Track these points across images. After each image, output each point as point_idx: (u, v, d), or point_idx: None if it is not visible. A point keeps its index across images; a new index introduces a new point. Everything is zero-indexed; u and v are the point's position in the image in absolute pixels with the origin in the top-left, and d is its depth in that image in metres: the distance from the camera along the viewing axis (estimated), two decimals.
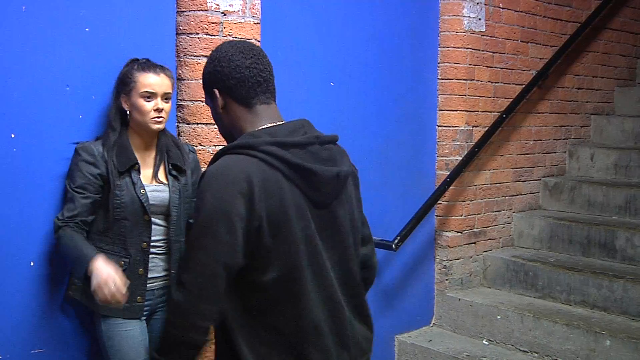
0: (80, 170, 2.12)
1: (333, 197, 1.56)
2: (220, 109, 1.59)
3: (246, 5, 2.63)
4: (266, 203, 1.44)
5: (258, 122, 1.56)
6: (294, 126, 1.56)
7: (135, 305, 2.17)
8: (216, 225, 1.42)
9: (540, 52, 4.14)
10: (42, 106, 2.22)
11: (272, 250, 1.46)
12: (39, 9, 2.20)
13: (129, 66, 2.21)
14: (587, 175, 4.44)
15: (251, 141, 1.49)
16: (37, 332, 2.24)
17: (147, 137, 2.23)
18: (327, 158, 1.55)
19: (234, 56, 1.56)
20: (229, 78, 1.55)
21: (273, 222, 1.45)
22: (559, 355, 3.28)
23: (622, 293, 3.37)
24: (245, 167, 1.45)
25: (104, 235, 2.16)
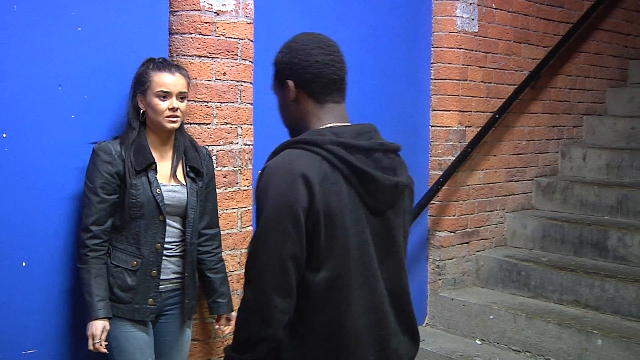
0: (98, 170, 2.12)
1: (388, 206, 1.54)
2: (291, 101, 1.56)
3: (239, 5, 2.62)
4: (324, 201, 1.42)
5: (326, 120, 1.53)
6: (360, 129, 1.53)
7: (146, 307, 2.18)
8: (282, 219, 1.40)
9: (532, 53, 4.16)
10: (34, 106, 2.21)
11: (326, 249, 1.44)
12: (31, 8, 2.18)
13: (145, 65, 2.22)
14: (579, 175, 4.46)
15: (316, 138, 1.46)
16: (29, 333, 2.23)
17: (164, 136, 2.23)
18: (388, 166, 1.53)
19: (313, 50, 1.52)
20: (306, 72, 1.52)
21: (329, 221, 1.43)
22: (551, 354, 3.29)
23: (614, 292, 3.38)
24: (308, 162, 1.43)
25: (119, 234, 2.17)
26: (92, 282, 2.11)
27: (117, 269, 2.16)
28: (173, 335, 2.31)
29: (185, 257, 2.25)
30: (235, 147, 2.66)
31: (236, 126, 2.67)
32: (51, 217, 2.25)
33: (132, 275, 2.16)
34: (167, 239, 2.20)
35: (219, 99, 2.60)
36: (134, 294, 2.16)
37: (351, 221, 1.46)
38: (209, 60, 2.55)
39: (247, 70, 2.68)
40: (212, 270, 2.40)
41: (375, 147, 1.51)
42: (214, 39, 2.56)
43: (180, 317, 2.30)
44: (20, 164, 2.19)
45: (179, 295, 2.28)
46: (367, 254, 1.49)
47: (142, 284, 2.16)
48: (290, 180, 1.40)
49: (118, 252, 2.17)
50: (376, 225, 1.52)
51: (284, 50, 1.58)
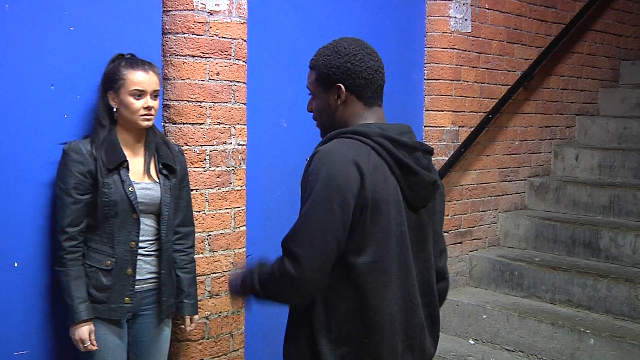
0: (70, 171, 2.09)
1: (424, 202, 1.62)
2: (338, 103, 1.62)
3: (232, 4, 2.62)
4: (372, 189, 1.49)
5: (371, 120, 1.62)
6: (402, 129, 1.62)
7: (122, 306, 2.15)
8: (331, 201, 1.46)
9: (525, 53, 4.17)
10: (26, 106, 2.20)
11: (370, 234, 1.50)
12: (23, 8, 2.17)
13: (116, 62, 2.19)
14: (572, 175, 4.48)
15: (365, 130, 1.55)
16: (21, 334, 2.22)
17: (136, 133, 2.21)
18: (425, 166, 1.61)
19: (365, 57, 1.61)
20: (359, 77, 1.60)
21: (376, 208, 1.49)
22: (544, 354, 3.30)
23: (606, 292, 3.40)
24: (358, 151, 1.51)
25: (93, 234, 2.14)
26: (72, 285, 2.08)
27: (91, 269, 2.12)
28: (150, 335, 2.28)
29: (161, 256, 2.22)
30: (229, 147, 2.66)
31: (229, 126, 2.66)
32: (43, 218, 2.23)
33: (107, 275, 2.12)
34: (142, 237, 2.17)
35: (212, 99, 2.60)
36: (110, 293, 2.12)
37: (394, 211, 1.53)
38: (202, 60, 2.55)
39: (240, 70, 2.68)
40: (183, 269, 2.34)
41: (416, 146, 1.60)
42: (207, 39, 2.55)
43: (157, 316, 2.26)
44: (13, 164, 2.18)
45: (154, 294, 2.24)
46: (404, 245, 1.56)
47: (117, 283, 2.13)
48: (343, 164, 1.48)
49: (92, 252, 2.13)
50: (412, 220, 1.59)
51: (330, 54, 1.63)
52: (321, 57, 1.65)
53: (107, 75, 2.18)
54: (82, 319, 2.08)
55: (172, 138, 2.56)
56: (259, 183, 2.93)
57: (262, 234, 2.95)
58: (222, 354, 2.69)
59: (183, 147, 2.53)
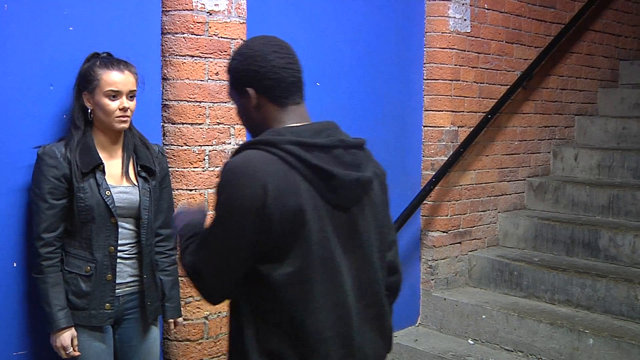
0: (44, 175, 2.04)
1: (353, 201, 1.54)
2: (252, 108, 1.57)
3: (232, 4, 2.62)
4: (281, 201, 1.43)
5: (287, 121, 1.55)
6: (319, 127, 1.54)
7: (103, 312, 2.10)
8: (232, 219, 1.43)
9: (524, 53, 4.18)
10: (25, 105, 2.20)
11: (284, 248, 1.46)
12: (22, 8, 2.17)
13: (91, 62, 2.12)
14: (571, 175, 4.48)
15: (273, 138, 1.48)
16: (20, 334, 2.22)
17: (112, 135, 2.14)
18: (350, 163, 1.53)
19: (269, 55, 1.53)
20: (265, 78, 1.53)
21: (287, 220, 1.44)
22: (543, 354, 3.30)
23: (605, 292, 3.40)
24: (264, 162, 1.45)
25: (71, 239, 2.09)
26: (50, 292, 2.04)
27: (70, 275, 2.08)
28: (138, 339, 2.23)
29: (142, 259, 2.17)
30: (228, 147, 2.66)
31: (229, 126, 2.66)
32: None
33: (86, 281, 2.08)
34: (121, 241, 2.12)
35: (211, 99, 2.60)
36: (90, 299, 2.08)
37: (311, 219, 1.46)
38: (201, 60, 2.55)
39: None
40: (164, 272, 2.29)
41: (335, 143, 1.52)
42: (207, 39, 2.55)
43: (142, 320, 2.22)
44: (12, 164, 2.18)
45: (137, 298, 2.20)
46: (329, 251, 1.50)
47: (97, 289, 2.08)
48: (244, 180, 1.43)
49: (71, 258, 2.09)
50: (341, 221, 1.52)
51: (238, 58, 1.57)
52: (231, 61, 1.60)
53: (82, 75, 2.12)
54: (61, 327, 2.04)
55: (171, 138, 2.56)
56: None
57: None
58: (221, 354, 2.69)
59: (182, 147, 2.53)
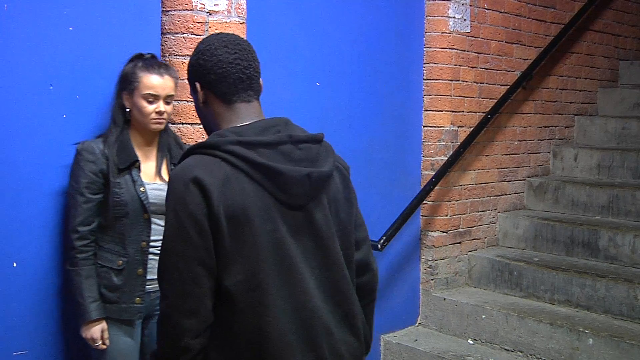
0: (82, 170, 2.11)
1: (307, 199, 1.47)
2: (201, 103, 1.54)
3: (232, 4, 2.62)
4: (225, 204, 1.38)
5: (235, 121, 1.50)
6: (267, 124, 1.49)
7: (132, 306, 2.15)
8: (184, 228, 1.38)
9: (524, 53, 4.18)
10: (25, 106, 2.20)
11: (232, 253, 1.40)
12: (22, 8, 2.17)
13: (133, 63, 2.18)
14: (571, 175, 4.48)
15: (214, 140, 1.44)
16: (20, 334, 2.22)
17: (148, 135, 2.22)
18: (300, 158, 1.47)
19: (217, 50, 1.50)
20: (210, 72, 1.50)
21: (233, 224, 1.39)
22: (543, 354, 3.30)
23: (605, 292, 3.40)
24: (205, 167, 1.40)
25: (104, 233, 2.15)
26: (84, 284, 2.10)
27: (103, 269, 2.14)
28: None
29: None
30: None
31: None
32: (42, 218, 2.24)
33: (118, 275, 2.14)
34: (153, 237, 2.17)
35: None
36: (121, 293, 2.14)
37: (261, 220, 1.41)
38: None
39: None
40: None
41: (283, 140, 1.46)
42: None
43: None
44: (11, 163, 2.18)
45: None
46: (284, 252, 1.43)
47: (128, 283, 2.14)
48: (186, 186, 1.38)
49: (103, 252, 2.15)
50: (296, 220, 1.46)
51: (193, 52, 1.56)
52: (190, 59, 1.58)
53: (123, 75, 2.18)
54: (92, 318, 2.09)
55: None
56: None
57: None
58: None
59: None
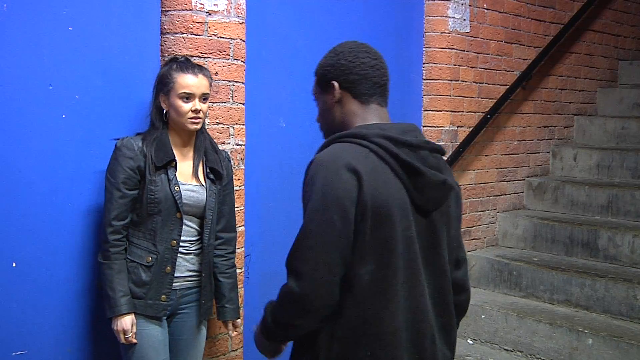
0: (120, 165, 2.13)
1: (435, 205, 1.52)
2: (334, 102, 1.58)
3: (231, 4, 2.62)
4: (372, 193, 1.41)
5: (370, 120, 1.55)
6: (405, 127, 1.55)
7: (158, 303, 2.18)
8: (330, 212, 1.39)
9: (524, 53, 4.18)
10: (24, 105, 2.20)
11: (371, 242, 1.42)
12: (21, 8, 2.17)
13: (168, 66, 2.22)
14: (570, 175, 4.48)
15: (363, 131, 1.48)
16: (19, 334, 2.21)
17: (185, 136, 2.24)
18: (434, 165, 1.52)
19: (360, 54, 1.57)
20: (352, 73, 1.55)
21: (376, 213, 1.41)
22: (542, 353, 3.31)
23: (604, 292, 3.41)
24: (356, 155, 1.43)
25: (136, 229, 2.18)
26: (115, 278, 2.12)
27: (132, 264, 2.16)
28: (190, 333, 2.31)
29: (202, 256, 2.25)
30: (227, 147, 2.66)
31: (228, 126, 2.66)
32: (41, 217, 2.23)
33: (146, 271, 2.16)
34: (183, 237, 2.20)
35: (210, 99, 2.59)
36: (148, 289, 2.16)
37: (399, 215, 1.44)
38: (200, 60, 2.55)
39: (239, 70, 2.68)
40: (224, 274, 2.37)
41: (422, 144, 1.51)
42: (206, 39, 2.55)
43: (197, 315, 2.30)
44: (10, 163, 2.17)
45: (195, 293, 2.27)
46: (412, 251, 1.46)
47: (155, 279, 2.16)
48: (337, 171, 1.40)
49: (134, 247, 2.17)
50: (422, 225, 1.49)
51: (329, 54, 1.61)
52: (321, 60, 1.63)
53: (160, 78, 2.23)
54: (123, 312, 2.12)
55: None
56: (258, 183, 2.93)
57: (261, 234, 2.95)
58: (220, 354, 2.69)
59: None
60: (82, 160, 2.31)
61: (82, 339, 2.34)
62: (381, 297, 1.43)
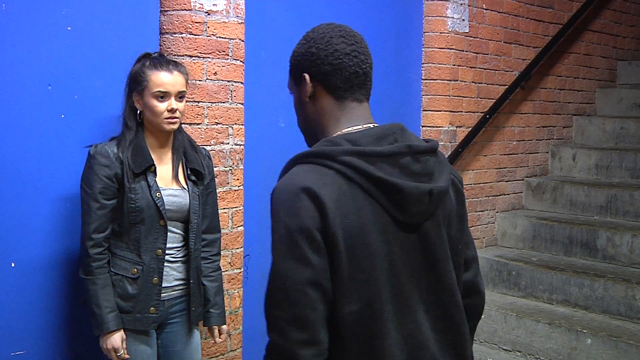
0: (96, 175, 2.02)
1: (424, 217, 1.31)
2: (306, 98, 1.39)
3: (230, 4, 2.62)
4: (342, 222, 1.22)
5: (344, 122, 1.35)
6: (381, 132, 1.31)
7: (147, 316, 2.08)
8: (297, 245, 1.21)
9: (523, 53, 4.18)
10: (23, 105, 2.19)
11: (349, 278, 1.24)
12: (20, 8, 2.17)
13: (141, 63, 2.11)
14: (569, 175, 4.48)
15: (327, 149, 1.27)
16: (18, 334, 2.21)
17: (162, 137, 2.14)
18: (419, 172, 1.30)
19: (333, 39, 1.34)
20: (324, 63, 1.34)
21: (350, 244, 1.23)
22: (541, 354, 3.31)
23: (603, 292, 3.41)
24: (319, 179, 1.24)
25: (118, 240, 2.08)
26: (100, 294, 2.02)
27: (116, 277, 2.07)
28: (182, 343, 2.22)
29: (189, 263, 2.16)
30: (226, 147, 2.66)
31: (227, 126, 2.66)
32: (40, 218, 2.23)
33: (132, 284, 2.06)
34: (169, 245, 2.11)
35: (209, 99, 2.60)
36: (135, 302, 2.06)
37: (377, 242, 1.26)
38: (199, 60, 2.55)
39: (238, 70, 2.68)
40: (208, 277, 2.27)
41: (401, 150, 1.29)
42: (205, 39, 2.55)
43: (187, 324, 2.21)
44: (9, 163, 2.17)
45: (183, 302, 2.19)
46: (397, 277, 1.29)
47: (143, 292, 2.07)
48: (295, 197, 1.22)
49: (117, 259, 2.08)
50: (409, 241, 1.31)
51: (301, 41, 1.41)
52: (294, 48, 1.43)
53: (132, 76, 2.11)
54: (111, 329, 2.02)
55: None
56: (257, 183, 2.93)
57: (260, 234, 2.95)
58: (219, 354, 2.69)
59: None
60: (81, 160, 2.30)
61: (80, 340, 2.33)
62: (372, 338, 1.26)
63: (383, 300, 1.27)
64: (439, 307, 1.36)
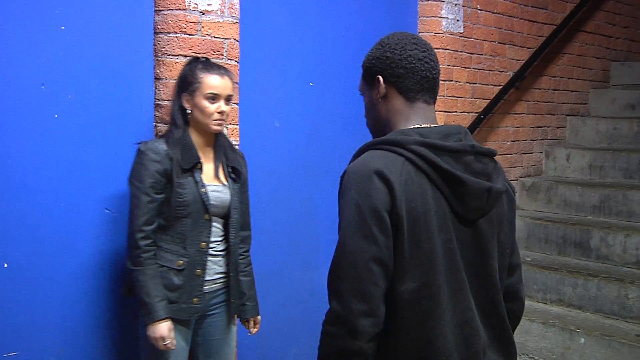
0: (147, 170, 2.12)
1: (480, 213, 1.41)
2: (379, 98, 1.49)
3: (225, 4, 2.61)
4: (408, 204, 1.32)
5: (413, 120, 1.46)
6: (448, 130, 1.43)
7: (191, 306, 2.18)
8: (366, 223, 1.30)
9: (517, 54, 4.19)
10: (16, 105, 2.19)
11: (410, 257, 1.33)
12: (13, 7, 2.16)
13: (192, 65, 2.22)
14: (563, 175, 4.50)
15: (399, 138, 1.38)
16: (11, 335, 2.20)
17: (207, 136, 2.25)
18: (479, 171, 1.41)
19: (407, 45, 1.47)
20: (398, 66, 1.46)
21: (413, 226, 1.33)
22: (535, 353, 3.32)
23: (597, 291, 3.42)
24: (389, 163, 1.34)
25: (164, 233, 2.17)
26: (150, 284, 2.10)
27: (162, 269, 2.15)
28: (221, 334, 2.32)
29: (229, 257, 2.27)
30: None
31: None
32: (34, 218, 2.22)
33: (178, 275, 2.16)
34: (212, 239, 2.22)
35: None
36: (180, 293, 2.16)
37: (437, 227, 1.35)
38: None
39: (232, 70, 2.67)
40: (242, 272, 2.38)
41: (466, 149, 1.40)
42: (200, 39, 2.55)
43: (226, 315, 2.31)
44: (2, 163, 2.16)
45: (223, 294, 2.29)
46: (455, 264, 1.38)
47: (187, 283, 2.16)
48: (369, 180, 1.32)
49: (163, 252, 2.16)
50: (465, 235, 1.40)
51: (376, 47, 1.53)
52: (368, 53, 1.54)
53: (183, 77, 2.22)
54: (161, 317, 2.10)
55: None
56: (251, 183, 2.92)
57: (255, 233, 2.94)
58: None
59: None
60: (75, 160, 2.30)
61: (74, 340, 2.33)
62: (427, 317, 1.34)
63: (440, 283, 1.35)
64: (488, 303, 1.44)
